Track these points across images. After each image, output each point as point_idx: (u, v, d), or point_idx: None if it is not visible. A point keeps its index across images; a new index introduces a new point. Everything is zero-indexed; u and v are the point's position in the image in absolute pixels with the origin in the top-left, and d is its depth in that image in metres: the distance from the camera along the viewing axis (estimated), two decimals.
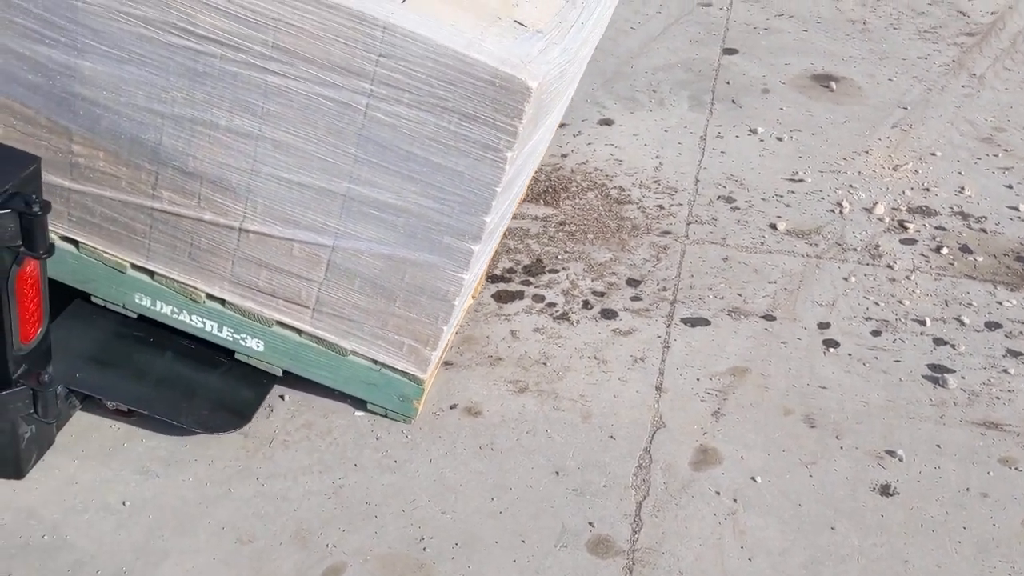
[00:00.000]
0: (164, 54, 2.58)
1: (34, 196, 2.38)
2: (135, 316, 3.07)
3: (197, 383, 3.04)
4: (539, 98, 2.51)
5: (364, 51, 2.47)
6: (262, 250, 2.88)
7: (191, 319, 3.06)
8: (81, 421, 2.99)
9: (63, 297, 3.02)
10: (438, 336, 2.95)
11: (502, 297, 3.72)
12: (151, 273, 3.02)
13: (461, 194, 2.65)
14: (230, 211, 2.83)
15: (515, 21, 2.62)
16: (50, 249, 2.44)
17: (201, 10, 2.49)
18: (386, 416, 3.15)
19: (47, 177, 2.87)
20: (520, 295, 3.74)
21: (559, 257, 3.94)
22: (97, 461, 2.88)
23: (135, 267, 3.02)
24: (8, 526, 2.66)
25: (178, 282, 3.01)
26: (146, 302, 3.06)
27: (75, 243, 3.02)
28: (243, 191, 2.78)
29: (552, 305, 3.72)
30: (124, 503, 2.78)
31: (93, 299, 3.10)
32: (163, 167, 2.78)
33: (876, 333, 3.70)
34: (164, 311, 3.06)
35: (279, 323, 3.03)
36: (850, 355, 3.59)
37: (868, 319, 3.76)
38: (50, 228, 2.92)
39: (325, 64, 2.51)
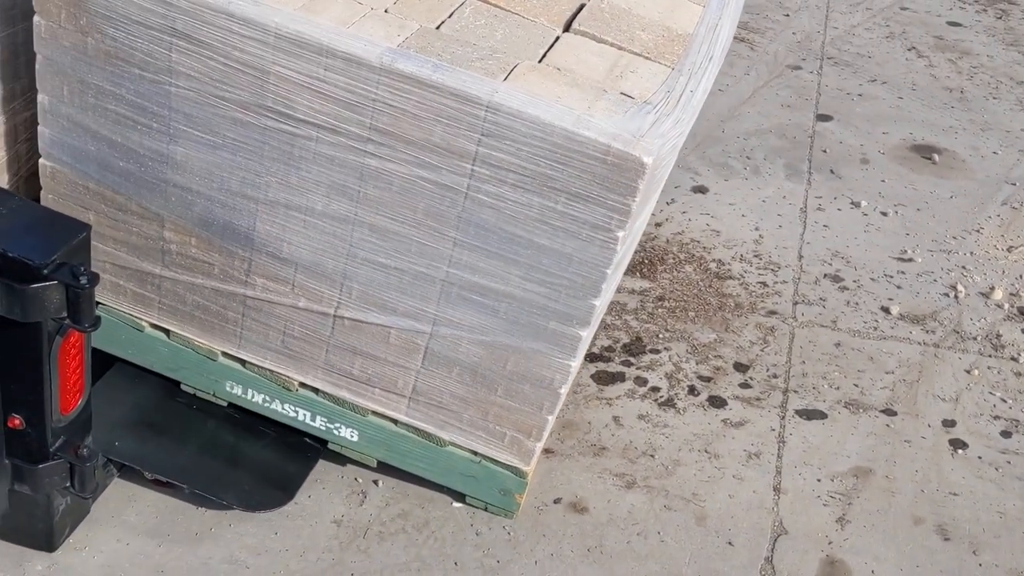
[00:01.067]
0: (259, 138, 2.49)
1: (82, 267, 2.24)
2: (182, 386, 2.93)
3: (240, 455, 2.93)
4: (652, 174, 2.35)
5: (466, 131, 2.35)
6: (357, 337, 2.75)
7: (283, 408, 2.94)
8: (167, 503, 2.87)
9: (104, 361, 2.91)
10: (543, 427, 2.78)
11: (602, 378, 3.55)
12: (243, 362, 2.91)
13: (568, 277, 2.48)
14: (325, 297, 2.71)
15: (622, 93, 2.47)
16: (96, 322, 2.30)
17: (299, 92, 2.40)
18: (486, 510, 2.97)
19: (139, 264, 2.81)
20: (621, 377, 3.57)
21: (660, 336, 3.76)
22: (184, 547, 2.76)
23: (226, 355, 2.92)
24: None
25: (270, 371, 2.89)
26: (237, 391, 2.95)
27: (166, 332, 2.93)
28: (338, 277, 2.66)
29: (656, 389, 3.54)
30: None
31: (183, 386, 3.00)
32: (256, 253, 2.68)
33: (1006, 434, 3.48)
34: (256, 400, 2.95)
35: (374, 412, 2.89)
36: (980, 458, 3.37)
37: (996, 417, 3.54)
38: (141, 316, 2.87)
39: (425, 145, 2.39)
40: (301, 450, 2.96)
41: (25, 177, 2.88)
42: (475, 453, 2.89)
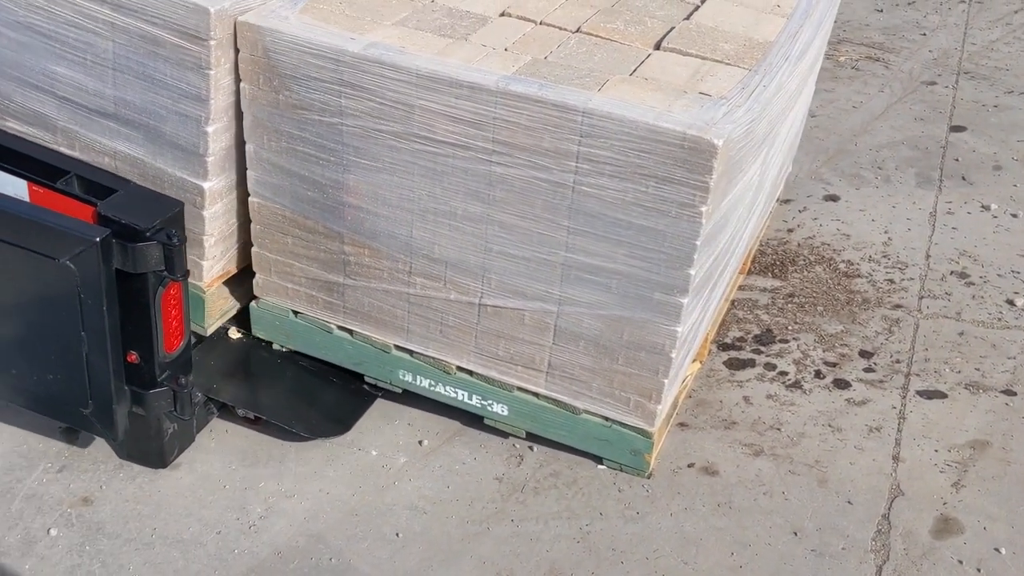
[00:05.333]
0: (410, 160, 3.12)
1: (174, 231, 2.88)
2: (282, 348, 3.59)
3: (310, 396, 3.53)
4: (727, 154, 2.80)
5: (569, 135, 2.88)
6: (499, 322, 3.30)
7: (445, 390, 3.50)
8: (359, 462, 3.43)
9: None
10: (660, 389, 3.20)
11: (733, 364, 3.92)
12: (411, 352, 3.50)
13: (665, 251, 2.94)
14: (470, 289, 3.27)
15: (700, 93, 2.95)
16: (187, 273, 2.96)
17: (438, 119, 3.01)
18: (621, 470, 3.40)
19: (327, 276, 3.47)
20: (751, 363, 3.91)
21: (789, 328, 4.08)
22: (373, 496, 3.31)
23: (398, 348, 3.52)
24: (303, 548, 3.13)
25: (433, 358, 3.47)
26: (408, 377, 3.54)
27: (350, 332, 3.58)
28: (479, 270, 3.22)
29: (784, 373, 3.86)
30: (397, 535, 3.19)
31: (367, 379, 3.62)
32: (415, 256, 3.29)
33: None
34: (423, 384, 3.53)
35: (519, 388, 3.40)
36: None
37: None
38: (329, 320, 3.53)
39: (537, 150, 2.94)
40: (359, 394, 3.56)
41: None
42: (606, 418, 3.34)
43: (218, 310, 3.52)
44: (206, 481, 3.35)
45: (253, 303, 3.68)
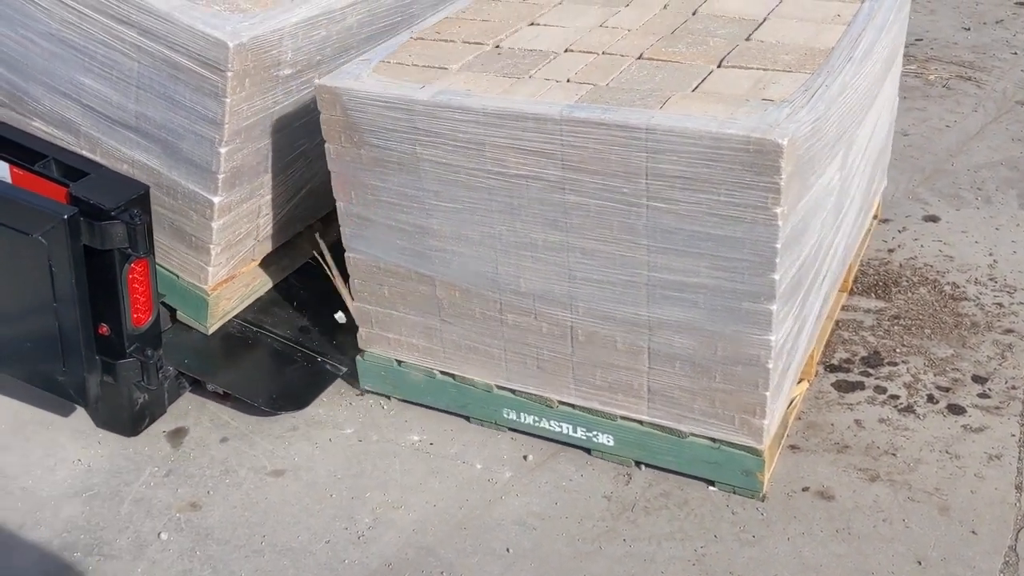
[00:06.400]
0: (487, 197, 3.18)
1: (138, 212, 3.12)
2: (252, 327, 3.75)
3: (274, 373, 3.72)
4: (794, 154, 2.74)
5: (636, 152, 2.88)
6: (592, 350, 3.28)
7: (550, 425, 3.50)
8: (463, 474, 3.45)
9: None
10: (763, 403, 3.11)
11: (842, 387, 3.78)
12: (512, 390, 3.53)
13: (745, 258, 2.88)
14: (560, 320, 3.28)
15: (763, 99, 2.91)
16: (149, 251, 3.18)
17: (508, 153, 3.06)
18: (734, 492, 3.29)
19: (424, 322, 3.54)
20: (860, 385, 3.77)
21: (897, 350, 3.93)
22: (481, 511, 3.31)
23: (499, 387, 3.55)
24: (413, 560, 3.14)
25: (533, 394, 3.48)
26: (512, 416, 3.56)
27: (452, 376, 3.63)
28: (566, 299, 3.23)
29: (895, 397, 3.71)
30: (508, 550, 3.17)
31: (471, 420, 3.66)
32: (503, 292, 3.33)
33: None
34: (528, 421, 3.54)
35: (622, 417, 3.36)
36: None
37: None
38: (431, 365, 3.59)
39: (606, 172, 2.95)
40: (320, 376, 3.76)
41: (260, 240, 3.85)
42: (713, 440, 3.26)
43: (220, 311, 3.79)
44: (312, 489, 3.43)
45: (359, 356, 3.79)
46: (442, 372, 3.64)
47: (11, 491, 3.48)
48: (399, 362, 3.72)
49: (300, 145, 3.80)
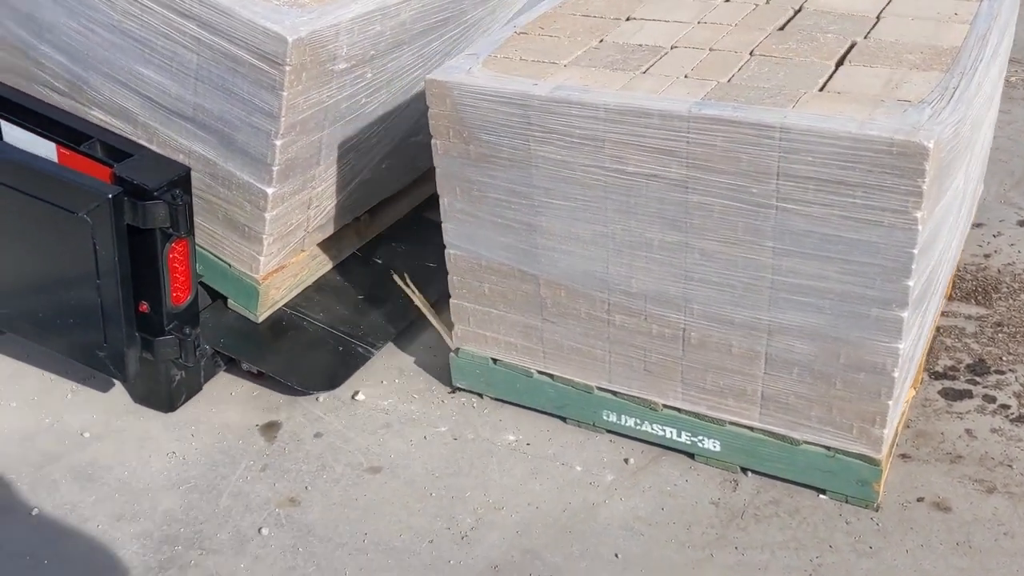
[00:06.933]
0: (602, 195, 3.11)
1: (180, 192, 3.18)
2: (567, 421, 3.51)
3: (308, 353, 3.78)
4: (937, 156, 2.65)
5: (768, 152, 2.80)
6: (704, 354, 3.21)
7: (652, 428, 3.43)
8: (563, 476, 3.39)
9: None
10: (884, 412, 3.03)
11: (949, 395, 3.69)
12: (614, 392, 3.46)
13: (880, 263, 2.80)
14: (672, 322, 3.21)
15: (898, 100, 2.82)
16: (190, 231, 3.25)
17: (628, 151, 2.99)
18: (847, 502, 3.22)
19: (524, 321, 3.48)
20: (968, 394, 3.68)
21: (1003, 359, 3.84)
22: (585, 514, 3.26)
23: (600, 389, 3.48)
24: (519, 564, 3.09)
25: (637, 397, 3.41)
26: (612, 418, 3.49)
27: (550, 376, 3.56)
28: (680, 300, 3.16)
29: (1006, 407, 3.63)
30: (616, 555, 3.11)
31: (568, 421, 3.59)
32: (612, 292, 3.26)
33: None
34: (628, 424, 3.47)
35: (731, 422, 3.29)
36: None
37: None
38: (529, 365, 3.53)
39: (735, 172, 2.87)
40: (352, 356, 3.82)
41: (310, 231, 3.89)
42: (828, 448, 3.18)
43: (270, 300, 3.84)
44: (411, 487, 3.37)
45: (452, 354, 3.73)
46: (540, 372, 3.58)
47: (107, 482, 3.44)
48: (495, 360, 3.65)
49: (351, 139, 3.81)
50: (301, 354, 3.82)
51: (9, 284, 3.50)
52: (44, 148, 3.36)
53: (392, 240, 4.41)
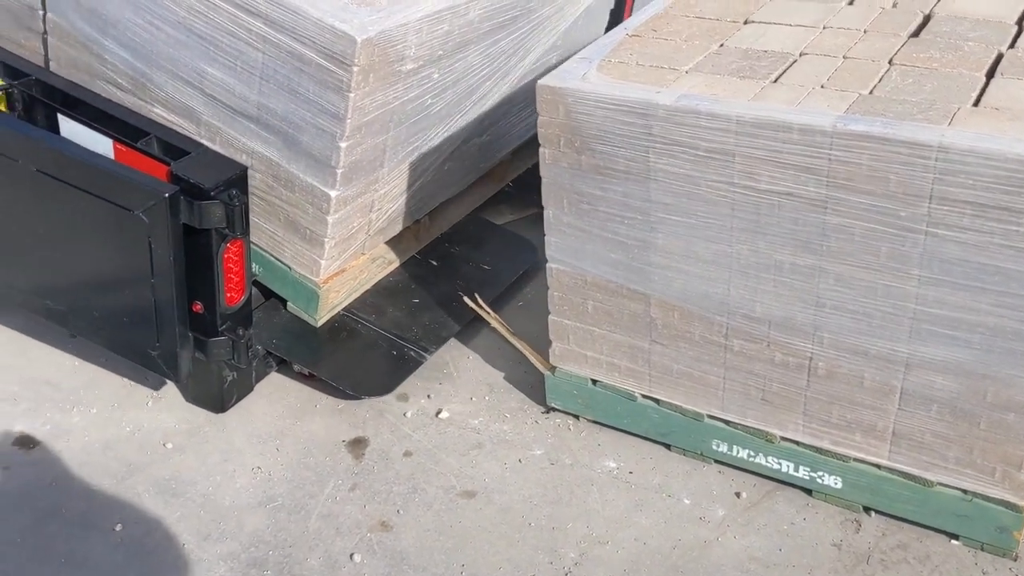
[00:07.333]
0: (728, 212, 2.89)
1: (236, 192, 3.11)
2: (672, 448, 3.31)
3: (362, 358, 3.67)
4: None
5: (921, 173, 2.58)
6: (832, 385, 2.98)
7: (767, 460, 3.21)
8: (670, 509, 3.20)
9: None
10: None
11: None
12: (726, 421, 3.24)
13: None
14: (798, 350, 2.99)
15: None
16: (245, 231, 3.19)
17: (761, 166, 2.78)
18: (982, 549, 2.98)
19: (630, 342, 3.28)
20: None
21: None
22: (697, 552, 3.05)
23: (711, 416, 3.27)
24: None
25: (752, 427, 3.19)
26: (722, 448, 3.28)
27: (655, 400, 3.36)
28: (809, 328, 2.93)
29: None
30: None
31: (672, 448, 3.38)
32: (732, 316, 3.05)
33: None
34: (740, 455, 3.25)
35: (856, 459, 3.06)
36: None
37: None
38: (633, 388, 3.33)
39: (881, 194, 2.65)
40: (404, 361, 3.69)
41: (371, 235, 3.77)
42: (964, 491, 2.94)
43: (329, 304, 3.73)
44: (508, 515, 3.19)
45: (548, 372, 3.54)
46: (644, 396, 3.37)
47: (191, 497, 3.30)
48: (594, 381, 3.46)
49: (415, 140, 3.66)
50: (353, 357, 3.69)
51: (64, 280, 3.45)
52: (101, 144, 3.31)
53: (446, 241, 4.26)
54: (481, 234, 4.34)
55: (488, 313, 3.71)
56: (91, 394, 3.75)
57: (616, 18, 4.60)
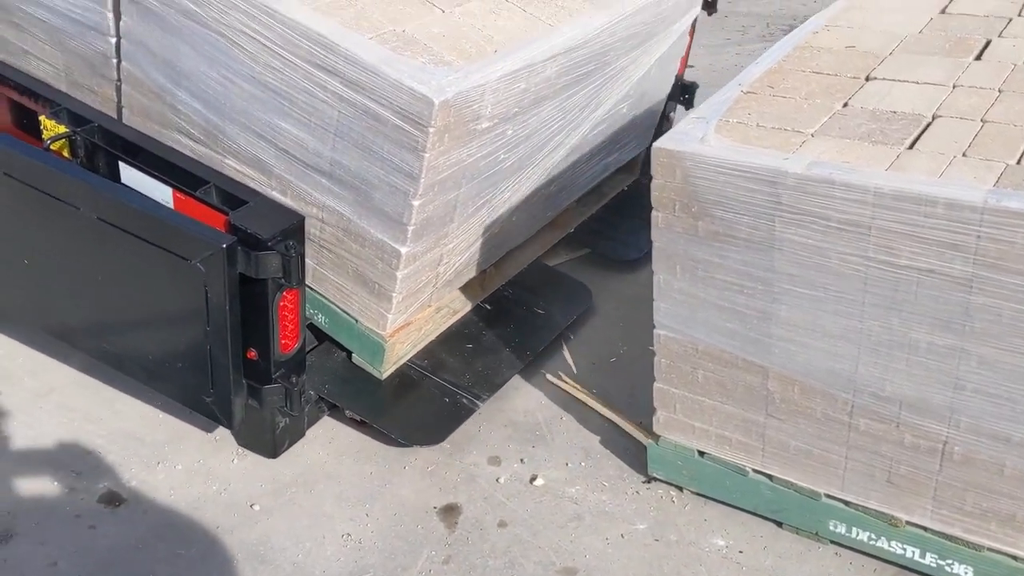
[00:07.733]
0: (860, 287, 2.73)
1: (293, 243, 3.09)
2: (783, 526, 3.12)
3: (412, 405, 3.62)
4: None
5: None
6: (968, 471, 2.80)
7: (890, 545, 3.03)
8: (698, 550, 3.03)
9: None
10: None
11: None
12: (846, 501, 3.06)
13: None
14: (931, 433, 2.81)
15: None
16: (301, 281, 3.16)
17: (900, 241, 2.62)
18: None
19: (743, 415, 3.13)
20: None
21: None
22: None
23: (829, 496, 3.09)
24: None
25: (874, 510, 3.01)
26: (840, 529, 3.10)
27: (768, 476, 3.19)
28: (945, 411, 2.75)
29: None
30: None
31: (784, 526, 3.21)
32: (859, 394, 2.88)
33: None
34: (860, 537, 3.07)
35: (990, 549, 2.87)
36: None
37: None
38: (745, 462, 3.16)
39: None
40: (457, 408, 3.63)
41: (438, 287, 3.71)
42: None
43: (395, 356, 3.68)
44: None
45: (651, 442, 3.38)
46: (756, 471, 3.20)
47: (281, 565, 3.18)
48: (701, 453, 3.30)
49: (485, 195, 3.57)
50: (405, 404, 3.65)
51: (121, 325, 3.46)
52: (161, 192, 3.32)
53: (502, 285, 4.14)
54: (535, 277, 4.22)
55: (577, 389, 3.58)
56: (176, 449, 3.66)
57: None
